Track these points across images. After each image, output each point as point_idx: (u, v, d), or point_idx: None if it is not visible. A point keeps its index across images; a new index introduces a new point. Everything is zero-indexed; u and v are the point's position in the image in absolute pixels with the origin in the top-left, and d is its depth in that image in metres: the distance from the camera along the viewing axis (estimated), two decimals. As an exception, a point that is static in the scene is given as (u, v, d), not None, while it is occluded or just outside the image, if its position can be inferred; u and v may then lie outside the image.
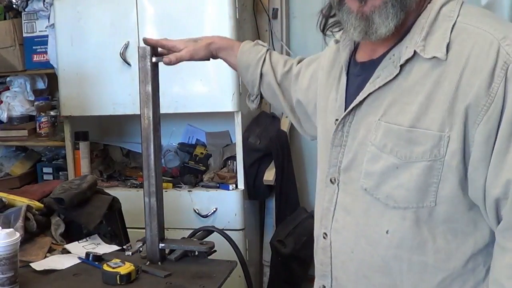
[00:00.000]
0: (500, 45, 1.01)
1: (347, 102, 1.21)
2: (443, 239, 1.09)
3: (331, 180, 1.22)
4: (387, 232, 1.12)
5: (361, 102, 1.17)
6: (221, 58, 1.63)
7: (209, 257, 1.73)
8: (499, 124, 1.01)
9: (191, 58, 1.60)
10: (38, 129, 3.31)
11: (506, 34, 1.02)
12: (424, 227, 1.09)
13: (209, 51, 1.60)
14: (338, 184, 1.21)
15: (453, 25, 1.07)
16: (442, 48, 1.06)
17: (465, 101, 1.02)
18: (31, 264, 1.70)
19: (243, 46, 1.60)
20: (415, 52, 1.09)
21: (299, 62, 1.56)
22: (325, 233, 1.23)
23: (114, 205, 2.03)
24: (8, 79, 3.37)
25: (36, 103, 3.33)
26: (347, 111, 1.19)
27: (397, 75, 1.11)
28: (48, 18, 3.08)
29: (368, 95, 1.15)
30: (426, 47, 1.08)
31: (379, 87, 1.13)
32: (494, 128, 1.01)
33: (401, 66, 1.10)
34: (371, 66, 1.17)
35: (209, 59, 1.63)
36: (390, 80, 1.12)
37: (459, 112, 1.02)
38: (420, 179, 1.07)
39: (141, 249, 1.78)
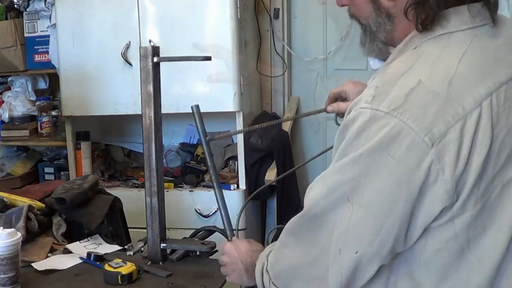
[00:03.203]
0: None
1: None
2: None
3: None
4: None
5: None
6: None
7: (210, 257, 1.73)
8: None
9: None
10: (39, 129, 3.31)
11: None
12: None
13: None
14: None
15: None
16: None
17: None
18: (32, 264, 1.70)
19: None
20: None
21: None
22: None
23: (116, 205, 2.03)
24: (9, 79, 3.37)
25: (37, 103, 3.33)
26: None
27: None
28: (50, 18, 3.09)
29: None
30: None
31: None
32: None
33: None
34: None
35: None
36: None
37: None
38: None
39: (142, 249, 1.78)
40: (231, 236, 1.47)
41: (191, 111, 1.52)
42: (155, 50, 1.65)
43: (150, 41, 2.73)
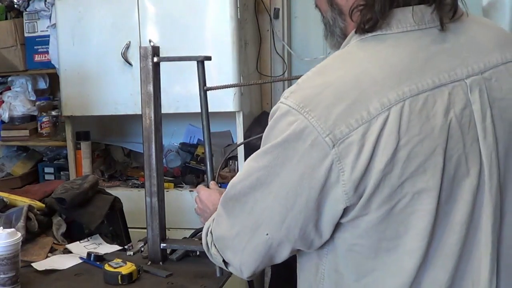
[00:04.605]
0: None
1: None
2: None
3: None
4: None
5: None
6: None
7: (210, 257, 1.73)
8: None
9: None
10: (39, 129, 3.31)
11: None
12: None
13: None
14: None
15: None
16: None
17: None
18: (32, 264, 1.70)
19: None
20: None
21: None
22: None
23: (116, 205, 2.03)
24: (9, 79, 3.37)
25: (37, 103, 3.33)
26: None
27: None
28: (50, 18, 3.09)
29: None
30: None
31: None
32: None
33: None
34: None
35: None
36: None
37: None
38: None
39: (142, 249, 1.78)
40: (210, 180, 1.56)
41: (191, 111, 1.54)
42: (155, 50, 1.65)
43: (150, 41, 2.73)
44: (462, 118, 0.94)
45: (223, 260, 1.13)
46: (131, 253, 1.78)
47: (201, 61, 1.60)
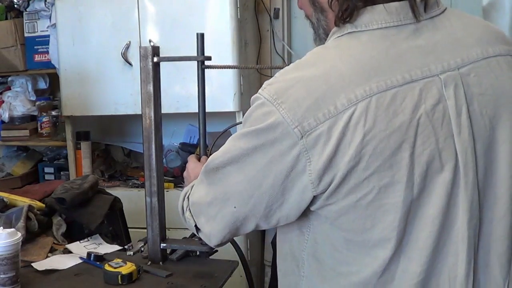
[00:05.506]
0: None
1: None
2: None
3: None
4: None
5: None
6: None
7: (210, 257, 1.73)
8: None
9: None
10: (39, 129, 3.31)
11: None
12: None
13: None
14: None
15: None
16: None
17: None
18: (32, 264, 1.70)
19: None
20: None
21: None
22: None
23: (116, 205, 2.03)
24: (9, 79, 3.37)
25: (37, 103, 3.33)
26: None
27: None
28: (50, 18, 3.09)
29: None
30: None
31: None
32: None
33: None
34: None
35: None
36: None
37: None
38: None
39: (142, 249, 1.78)
40: (202, 155, 1.64)
41: (191, 111, 1.55)
42: (155, 50, 1.65)
43: (150, 41, 2.73)
44: (434, 114, 0.95)
45: (195, 225, 1.20)
46: (131, 253, 1.78)
47: (201, 61, 1.61)
